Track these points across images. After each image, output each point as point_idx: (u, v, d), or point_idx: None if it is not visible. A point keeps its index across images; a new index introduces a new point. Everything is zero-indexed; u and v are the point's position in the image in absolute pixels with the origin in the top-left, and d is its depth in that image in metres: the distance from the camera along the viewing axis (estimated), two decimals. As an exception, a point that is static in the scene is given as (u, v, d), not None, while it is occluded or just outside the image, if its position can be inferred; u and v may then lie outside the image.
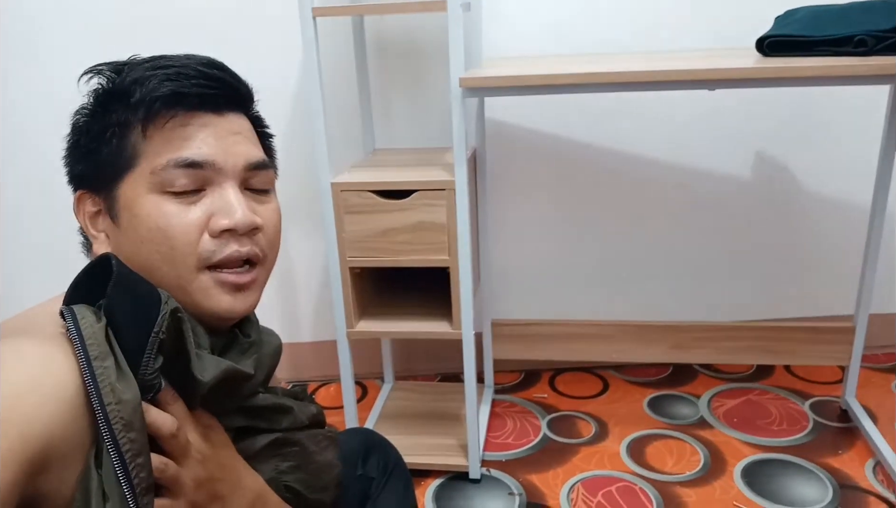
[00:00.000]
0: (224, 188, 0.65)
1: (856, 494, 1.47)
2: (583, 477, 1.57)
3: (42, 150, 1.77)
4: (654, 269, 1.95)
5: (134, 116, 0.64)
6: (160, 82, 0.63)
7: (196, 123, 0.65)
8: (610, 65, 1.34)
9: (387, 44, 1.76)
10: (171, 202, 0.63)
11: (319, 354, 1.99)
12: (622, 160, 1.84)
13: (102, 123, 0.65)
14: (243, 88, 0.70)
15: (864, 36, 1.23)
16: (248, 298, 0.67)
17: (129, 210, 0.64)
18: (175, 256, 0.63)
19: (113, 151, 0.65)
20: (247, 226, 0.65)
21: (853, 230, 1.87)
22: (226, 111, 0.67)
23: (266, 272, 0.70)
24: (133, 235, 0.64)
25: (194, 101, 0.64)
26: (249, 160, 0.67)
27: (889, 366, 1.97)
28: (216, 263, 0.64)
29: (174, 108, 0.63)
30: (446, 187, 1.38)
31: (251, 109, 0.73)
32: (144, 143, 0.64)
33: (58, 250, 1.71)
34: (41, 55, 1.72)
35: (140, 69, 0.65)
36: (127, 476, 0.53)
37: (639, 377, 1.98)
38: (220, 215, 0.64)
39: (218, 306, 0.65)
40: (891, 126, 1.53)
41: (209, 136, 0.65)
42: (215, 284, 0.65)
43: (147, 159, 0.63)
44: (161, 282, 0.63)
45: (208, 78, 0.65)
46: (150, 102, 0.63)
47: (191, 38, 1.70)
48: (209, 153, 0.64)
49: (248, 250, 0.66)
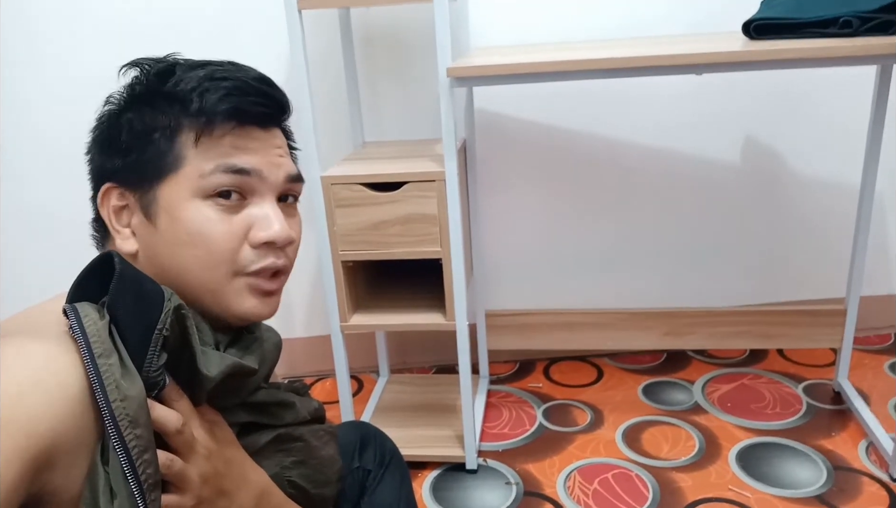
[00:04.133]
0: (265, 200, 0.68)
1: (849, 475, 1.48)
2: (579, 465, 1.58)
3: (42, 150, 1.77)
4: (645, 256, 1.95)
5: (189, 123, 0.65)
6: (221, 97, 0.64)
7: (246, 137, 0.67)
8: (597, 52, 1.34)
9: (374, 36, 1.76)
10: (213, 209, 0.65)
11: (314, 349, 1.99)
12: (612, 148, 1.84)
13: (148, 122, 0.65)
14: (289, 107, 0.73)
15: (850, 17, 1.23)
16: (273, 302, 0.70)
17: (169, 213, 0.65)
18: (212, 261, 0.65)
19: (159, 152, 0.65)
20: (285, 241, 0.68)
21: (843, 213, 1.88)
22: (273, 127, 0.70)
23: (287, 279, 0.73)
24: (171, 237, 0.64)
25: (250, 118, 0.67)
26: (290, 173, 0.70)
27: (880, 348, 1.98)
28: (252, 272, 0.67)
29: (230, 120, 0.65)
30: (436, 179, 1.38)
31: (285, 122, 0.75)
32: (194, 148, 0.65)
33: (60, 249, 1.72)
34: (34, 53, 1.71)
35: (194, 77, 0.65)
36: (134, 473, 0.53)
37: (633, 365, 1.99)
38: (259, 228, 0.66)
39: (248, 310, 0.67)
40: (878, 107, 1.53)
41: (258, 148, 0.67)
42: (248, 289, 0.67)
43: (193, 165, 0.64)
44: (191, 284, 0.65)
45: (265, 96, 0.68)
46: (212, 113, 0.64)
47: (176, 33, 1.69)
48: (257, 162, 0.66)
49: (283, 263, 0.69)
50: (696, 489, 1.47)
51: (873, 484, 1.45)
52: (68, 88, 1.71)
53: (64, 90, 1.71)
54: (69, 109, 1.60)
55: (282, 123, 0.73)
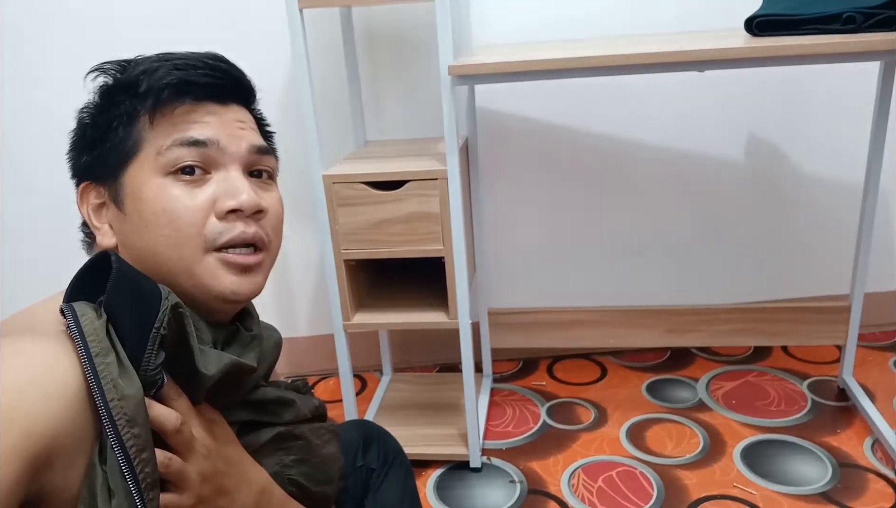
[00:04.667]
0: (229, 171, 0.66)
1: (855, 472, 1.48)
2: (583, 463, 1.58)
3: (40, 153, 1.77)
4: (649, 253, 1.95)
5: (142, 105, 0.65)
6: (168, 72, 0.64)
7: (202, 111, 0.66)
8: (599, 49, 1.33)
9: (375, 34, 1.76)
10: (177, 186, 0.64)
11: (317, 348, 1.99)
12: (615, 145, 1.84)
13: (108, 114, 0.66)
14: (246, 82, 0.72)
15: (853, 13, 1.23)
16: (253, 279, 0.67)
17: (134, 195, 0.64)
18: (180, 238, 0.63)
19: (119, 140, 0.65)
20: (252, 207, 0.65)
21: (847, 209, 1.87)
22: (230, 102, 0.69)
23: (271, 259, 0.71)
24: (138, 219, 0.64)
25: (201, 91, 0.66)
26: (253, 143, 0.69)
27: (886, 344, 1.97)
28: (222, 244, 0.65)
29: (182, 97, 0.65)
30: (439, 177, 1.38)
31: (253, 105, 0.74)
32: (151, 130, 0.65)
33: (56, 251, 1.72)
34: (28, 54, 1.71)
35: (147, 62, 0.66)
36: (132, 472, 0.53)
37: (637, 362, 1.99)
38: (225, 197, 0.65)
39: (225, 286, 0.65)
40: (881, 103, 1.53)
41: (214, 121, 0.66)
42: (221, 264, 0.65)
43: (152, 144, 0.64)
44: (165, 266, 0.63)
45: (214, 70, 0.67)
46: (159, 90, 0.64)
47: (177, 33, 1.69)
48: (214, 133, 0.66)
49: (253, 232, 0.66)
50: (701, 486, 1.47)
51: (879, 481, 1.45)
52: (68, 89, 1.71)
53: (57, 93, 1.71)
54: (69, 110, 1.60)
55: (245, 101, 0.72)
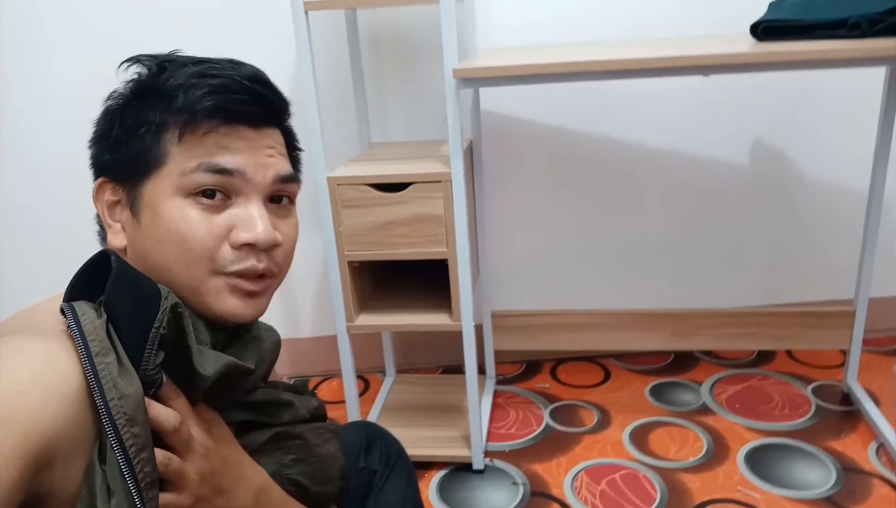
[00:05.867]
0: (250, 201, 0.65)
1: (859, 476, 1.48)
2: (586, 466, 1.58)
3: (42, 150, 1.78)
4: (653, 256, 1.95)
5: (174, 119, 0.64)
6: (205, 94, 0.63)
7: (233, 135, 0.65)
8: (603, 53, 1.33)
9: (380, 37, 1.76)
10: (195, 209, 0.63)
11: (320, 349, 2.00)
12: (619, 149, 1.84)
13: (138, 117, 0.65)
14: (283, 104, 0.71)
15: (859, 19, 1.23)
16: (257, 304, 0.68)
17: (152, 209, 0.64)
18: (191, 259, 0.63)
19: (144, 148, 0.64)
20: (268, 243, 0.65)
21: (851, 214, 1.87)
22: (263, 126, 0.68)
23: (277, 283, 0.71)
24: (152, 232, 0.64)
25: (235, 116, 0.65)
26: (280, 173, 0.68)
27: (890, 349, 1.97)
28: (231, 272, 0.65)
29: (214, 119, 0.64)
30: (443, 179, 1.38)
31: (285, 122, 0.73)
32: (178, 145, 0.64)
33: (57, 249, 1.72)
34: (35, 52, 1.72)
35: (184, 74, 0.65)
36: (131, 471, 0.53)
37: (640, 365, 1.99)
38: (241, 229, 0.64)
39: (227, 309, 0.65)
40: (887, 109, 1.52)
41: (244, 148, 0.65)
42: (227, 288, 0.65)
43: (177, 161, 0.64)
44: (172, 281, 0.63)
45: (252, 94, 0.66)
46: (193, 112, 0.63)
47: (183, 34, 1.69)
48: (241, 163, 0.65)
49: (264, 267, 0.66)
50: (704, 490, 1.47)
51: (883, 486, 1.44)
52: (69, 90, 1.72)
53: (65, 92, 1.72)
54: (69, 110, 1.61)
55: (279, 123, 0.71)
